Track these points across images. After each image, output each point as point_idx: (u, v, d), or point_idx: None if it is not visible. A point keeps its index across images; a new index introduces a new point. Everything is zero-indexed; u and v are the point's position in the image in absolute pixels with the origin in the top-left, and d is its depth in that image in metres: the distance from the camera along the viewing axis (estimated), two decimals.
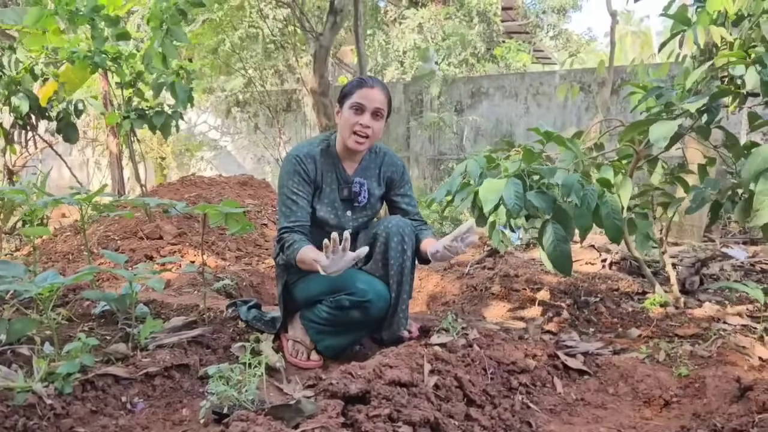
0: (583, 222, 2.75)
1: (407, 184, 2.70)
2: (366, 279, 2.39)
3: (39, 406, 1.76)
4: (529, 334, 2.57)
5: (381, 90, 2.40)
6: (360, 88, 2.38)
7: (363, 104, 2.36)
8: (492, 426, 1.82)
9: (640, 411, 2.06)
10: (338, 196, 2.52)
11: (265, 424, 1.39)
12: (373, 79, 2.46)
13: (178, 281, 3.72)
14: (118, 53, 4.49)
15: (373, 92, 2.37)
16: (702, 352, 2.45)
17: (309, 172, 2.44)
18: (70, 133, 5.25)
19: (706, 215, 3.11)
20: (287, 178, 2.43)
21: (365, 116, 2.37)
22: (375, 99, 2.37)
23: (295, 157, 2.44)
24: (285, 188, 2.43)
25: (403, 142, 9.30)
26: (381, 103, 2.38)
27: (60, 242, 4.79)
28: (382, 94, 2.39)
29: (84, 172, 11.26)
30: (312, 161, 2.45)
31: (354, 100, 2.37)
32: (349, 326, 2.41)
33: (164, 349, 2.25)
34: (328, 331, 2.44)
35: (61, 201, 2.39)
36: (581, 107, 8.13)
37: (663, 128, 2.48)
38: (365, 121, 2.36)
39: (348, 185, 2.52)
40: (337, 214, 2.52)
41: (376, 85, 2.40)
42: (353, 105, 2.37)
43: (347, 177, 2.53)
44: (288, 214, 2.40)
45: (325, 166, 2.49)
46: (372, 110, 2.37)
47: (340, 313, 2.37)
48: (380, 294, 2.36)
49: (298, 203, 2.40)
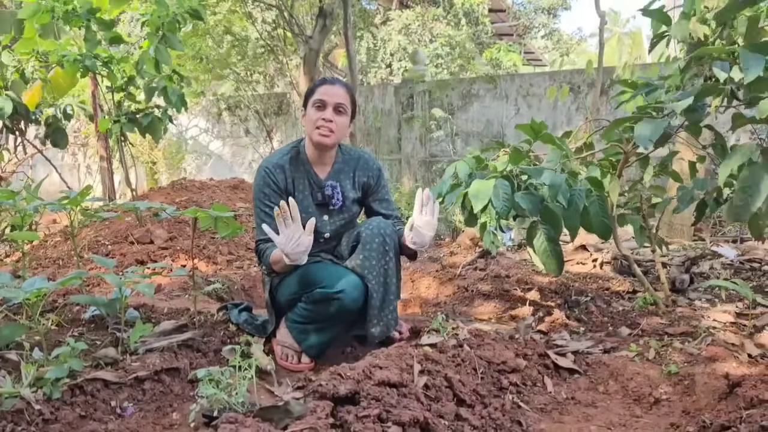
0: (572, 222, 2.77)
1: (384, 188, 2.72)
2: (337, 271, 2.41)
3: (27, 412, 1.75)
4: (520, 334, 2.57)
5: (342, 87, 2.46)
6: (321, 86, 2.44)
7: (324, 100, 2.41)
8: (482, 425, 1.82)
9: (630, 409, 2.07)
10: (312, 201, 2.55)
11: (253, 425, 1.38)
12: (335, 78, 2.52)
13: (169, 286, 3.71)
14: (110, 57, 4.48)
15: (333, 89, 2.42)
16: (691, 350, 2.46)
17: (279, 182, 2.48)
18: (59, 139, 5.24)
19: (693, 215, 3.13)
20: (258, 191, 2.49)
21: (327, 111, 2.41)
22: (336, 94, 2.41)
23: (264, 169, 2.49)
24: (257, 201, 2.50)
25: (395, 145, 9.31)
26: (342, 99, 2.43)
27: (50, 248, 4.76)
28: (343, 90, 2.44)
29: (75, 178, 11.21)
30: (281, 171, 2.49)
31: (316, 97, 2.43)
32: (328, 321, 2.41)
33: (154, 353, 2.24)
34: (309, 329, 2.44)
35: (48, 205, 2.38)
36: (571, 108, 8.16)
37: (649, 128, 2.47)
38: (327, 116, 2.40)
39: (321, 189, 2.55)
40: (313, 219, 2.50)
41: (337, 83, 2.46)
42: (315, 102, 2.42)
43: (319, 181, 2.56)
44: (262, 227, 2.40)
45: (295, 174, 2.53)
46: (333, 105, 2.41)
47: (316, 307, 2.38)
48: (352, 284, 2.36)
49: (270, 215, 2.39)
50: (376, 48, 11.65)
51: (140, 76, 4.44)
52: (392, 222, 2.61)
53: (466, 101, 8.90)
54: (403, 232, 2.52)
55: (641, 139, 2.46)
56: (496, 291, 3.53)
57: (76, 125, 10.25)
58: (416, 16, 11.61)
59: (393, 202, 2.79)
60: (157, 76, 4.53)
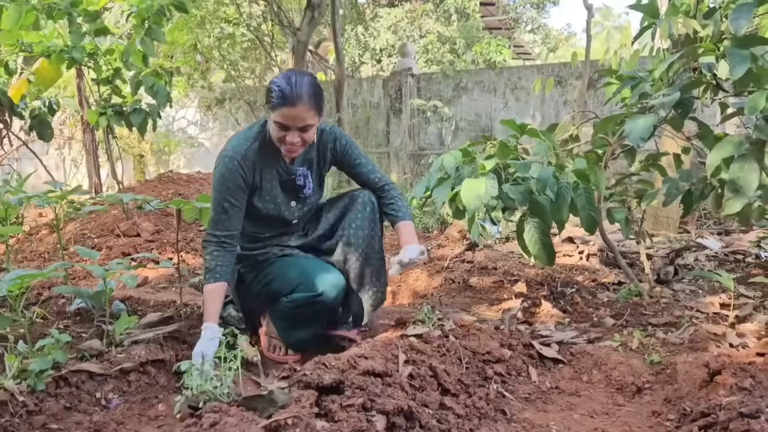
0: (559, 215, 2.78)
1: (354, 151, 2.53)
2: (313, 268, 2.37)
3: (11, 404, 1.74)
4: (505, 325, 2.59)
5: (304, 105, 2.15)
6: (281, 107, 2.15)
7: (286, 124, 2.18)
8: (466, 414, 1.83)
9: (613, 397, 2.09)
10: (280, 190, 2.42)
11: (237, 414, 1.39)
12: (295, 88, 2.13)
13: (155, 278, 3.70)
14: (95, 49, 4.45)
15: (294, 111, 2.14)
16: (674, 340, 2.49)
17: (246, 177, 2.30)
18: (44, 131, 5.20)
19: (680, 207, 3.16)
20: (221, 182, 2.28)
21: (291, 133, 2.20)
22: (298, 118, 2.16)
23: (231, 159, 2.27)
24: (217, 193, 2.29)
25: (383, 138, 9.31)
26: (306, 120, 2.17)
27: (36, 241, 4.73)
28: (305, 109, 2.15)
29: (61, 171, 11.12)
30: (250, 164, 2.30)
31: (277, 119, 2.18)
32: (312, 318, 2.41)
33: (140, 345, 2.24)
34: (294, 326, 2.44)
35: (33, 198, 2.37)
36: (559, 101, 8.19)
37: (639, 125, 2.49)
38: (291, 139, 2.20)
39: (291, 176, 2.41)
40: (280, 208, 2.44)
41: (298, 102, 2.13)
42: (277, 122, 2.19)
43: (289, 169, 2.40)
44: (217, 222, 2.30)
45: (263, 164, 2.35)
46: (297, 128, 2.19)
47: (299, 310, 2.36)
48: (331, 284, 2.33)
49: (228, 212, 2.29)
50: (366, 42, 11.63)
51: (126, 68, 4.41)
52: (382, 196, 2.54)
53: (455, 95, 8.90)
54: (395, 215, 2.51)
55: (632, 137, 2.47)
56: (483, 282, 3.55)
57: (62, 117, 10.16)
58: (405, 13, 11.60)
59: (372, 163, 2.59)
60: (143, 69, 4.50)
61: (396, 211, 2.52)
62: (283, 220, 2.48)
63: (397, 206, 2.53)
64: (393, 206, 2.53)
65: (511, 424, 1.88)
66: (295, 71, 2.23)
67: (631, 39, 3.55)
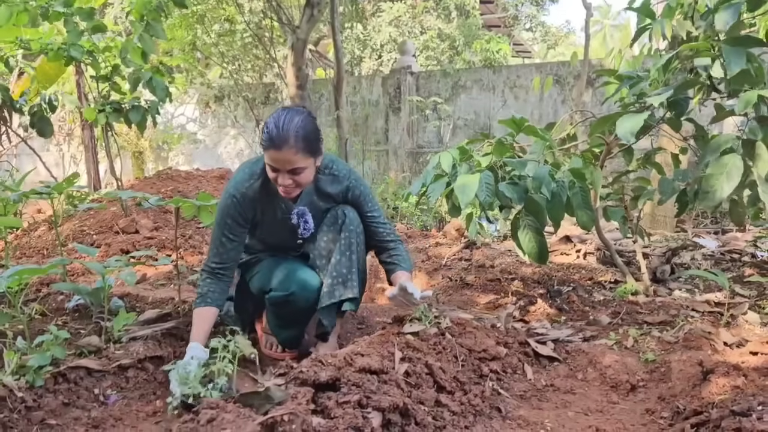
0: (555, 213, 2.80)
1: (368, 204, 2.47)
2: (293, 270, 2.36)
3: (10, 399, 1.76)
4: (501, 323, 2.60)
5: (290, 149, 2.08)
6: (269, 149, 2.11)
7: (276, 167, 2.14)
8: (462, 411, 1.85)
9: (608, 395, 2.11)
10: (282, 227, 2.41)
11: (234, 411, 1.40)
12: (282, 132, 2.08)
13: (154, 276, 3.71)
14: (94, 46, 4.45)
15: (281, 155, 2.09)
16: (669, 338, 2.50)
17: (245, 214, 2.31)
18: (44, 128, 5.20)
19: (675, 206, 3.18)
20: (222, 216, 2.30)
21: (282, 175, 2.16)
22: (286, 161, 2.11)
23: (232, 196, 2.29)
24: (218, 226, 2.31)
25: (382, 135, 9.32)
26: (294, 163, 2.11)
27: (34, 238, 4.74)
28: (291, 152, 2.09)
29: (60, 168, 11.12)
30: (249, 202, 2.30)
31: (267, 161, 2.16)
32: (292, 317, 2.42)
33: (138, 342, 2.25)
34: (281, 324, 2.46)
35: (32, 193, 2.38)
36: (558, 100, 8.20)
37: (629, 123, 2.51)
38: (282, 181, 2.16)
39: (287, 216, 2.38)
40: (284, 243, 2.47)
41: (284, 146, 2.07)
42: (268, 163, 2.17)
43: (289, 206, 2.38)
44: (215, 255, 2.31)
45: (264, 201, 2.34)
46: (286, 171, 2.14)
47: (276, 308, 2.40)
48: (303, 284, 2.33)
49: (226, 246, 2.30)
50: (366, 39, 11.63)
51: (125, 65, 4.41)
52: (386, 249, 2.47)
53: (454, 93, 8.91)
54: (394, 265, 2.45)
55: (623, 133, 2.49)
56: (480, 281, 3.56)
57: (61, 114, 10.17)
58: (407, 8, 11.59)
59: (384, 219, 2.53)
60: (143, 66, 4.50)
61: (398, 262, 2.44)
62: (286, 249, 2.50)
63: (400, 258, 2.46)
64: (396, 258, 2.46)
65: (506, 421, 1.90)
66: (288, 110, 2.16)
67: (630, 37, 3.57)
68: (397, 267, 2.44)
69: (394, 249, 2.48)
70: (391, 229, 2.52)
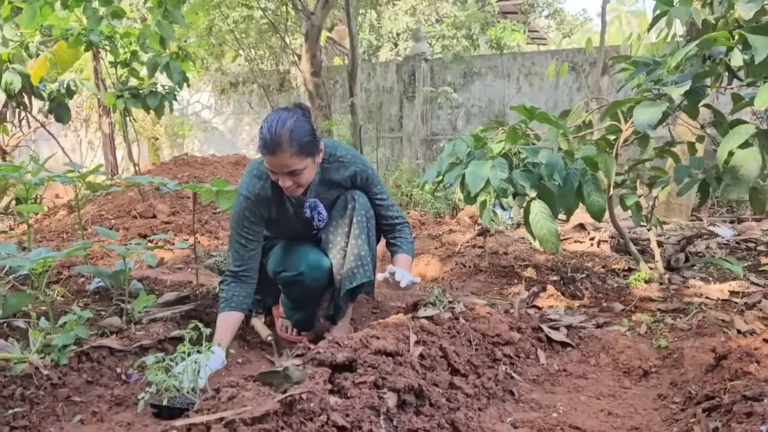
0: (567, 201, 2.81)
1: (376, 187, 2.48)
2: (304, 252, 2.39)
3: (36, 377, 1.81)
4: (515, 309, 2.63)
5: (283, 153, 2.08)
6: (265, 155, 2.12)
7: (273, 170, 2.16)
8: (475, 394, 1.88)
9: (620, 380, 2.13)
10: (297, 219, 2.42)
11: (253, 389, 1.44)
12: (274, 137, 2.08)
13: (171, 259, 3.77)
14: (113, 32, 4.49)
15: (276, 160, 2.10)
16: (682, 326, 2.52)
17: (262, 213, 2.34)
18: (62, 113, 5.26)
19: (694, 194, 3.16)
20: (238, 219, 2.32)
21: (282, 178, 2.16)
22: (281, 165, 2.11)
23: (246, 198, 2.31)
24: (235, 230, 2.34)
25: (396, 122, 9.31)
26: (290, 166, 2.11)
27: (54, 221, 4.82)
28: (285, 157, 2.09)
29: (78, 153, 11.24)
30: (263, 201, 2.32)
31: (266, 163, 2.17)
32: (304, 298, 2.45)
33: (158, 323, 2.31)
34: (293, 306, 2.49)
35: (55, 178, 2.42)
36: (573, 87, 8.15)
37: (648, 112, 2.49)
38: (282, 183, 2.18)
39: (300, 209, 2.39)
40: (300, 233, 2.48)
41: (277, 151, 2.08)
42: (266, 166, 2.18)
43: (300, 200, 2.37)
44: (236, 258, 2.32)
45: (276, 199, 2.35)
46: (283, 174, 2.15)
47: (286, 289, 2.44)
48: (312, 265, 2.36)
49: (247, 247, 2.32)
50: (379, 27, 11.58)
51: (143, 51, 4.45)
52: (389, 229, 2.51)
53: (468, 80, 8.88)
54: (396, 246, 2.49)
55: (641, 123, 2.48)
56: (493, 267, 3.58)
57: (78, 100, 10.26)
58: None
59: (392, 202, 2.54)
60: (161, 52, 4.54)
61: (401, 244, 2.48)
62: (301, 238, 2.52)
63: (404, 240, 2.49)
64: (400, 240, 2.50)
65: (519, 404, 1.93)
66: (281, 112, 2.15)
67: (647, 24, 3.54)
68: (399, 250, 2.48)
69: (400, 231, 2.51)
70: (398, 212, 2.54)
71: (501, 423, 1.79)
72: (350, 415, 1.42)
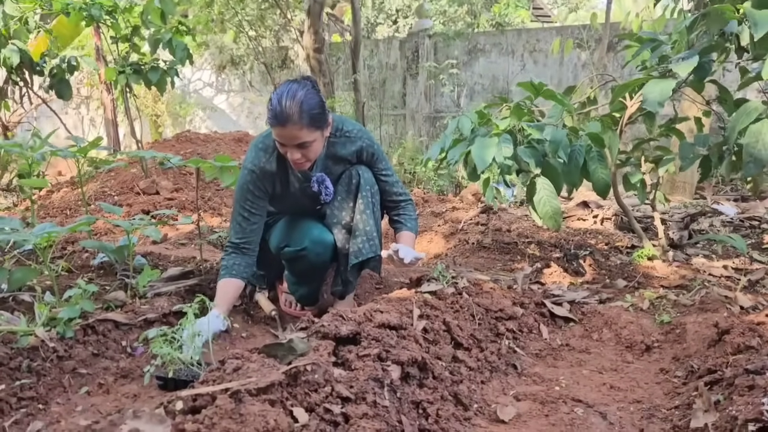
0: (572, 178, 2.80)
1: (381, 163, 2.48)
2: (308, 227, 2.39)
3: (42, 349, 1.82)
4: (518, 284, 2.63)
5: (294, 125, 2.07)
6: (275, 126, 2.11)
7: (283, 142, 2.15)
8: (478, 367, 1.89)
9: (622, 355, 2.14)
10: (303, 194, 2.42)
11: (258, 360, 1.45)
12: (284, 109, 2.07)
13: (175, 236, 3.78)
14: (114, 6, 4.46)
15: (285, 131, 2.09)
16: (685, 302, 2.52)
17: (266, 187, 2.34)
18: (63, 90, 5.23)
19: (698, 172, 3.15)
20: (242, 192, 2.33)
21: (291, 150, 2.16)
22: (291, 137, 2.10)
23: (251, 172, 2.31)
24: (239, 203, 2.34)
25: (399, 100, 9.26)
26: (300, 138, 2.11)
27: (57, 198, 4.82)
28: (296, 129, 2.08)
29: (79, 131, 11.21)
30: (268, 176, 2.32)
31: (275, 137, 2.16)
32: (307, 274, 2.44)
33: (162, 297, 2.32)
34: (297, 281, 2.48)
35: (57, 152, 2.42)
36: (578, 64, 8.08)
37: (658, 89, 2.47)
38: (291, 156, 2.17)
39: (307, 184, 2.39)
40: (304, 208, 2.47)
41: (287, 122, 2.07)
42: (275, 139, 2.17)
43: (306, 175, 2.38)
44: (238, 231, 2.34)
45: (281, 174, 2.35)
46: (293, 146, 2.14)
47: (290, 264, 2.43)
48: (315, 240, 2.35)
49: (250, 221, 2.34)
50: (382, 3, 11.45)
51: (145, 27, 4.42)
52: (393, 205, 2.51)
53: (472, 57, 8.81)
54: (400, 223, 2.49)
55: (650, 102, 2.45)
56: (496, 244, 3.58)
57: (80, 77, 10.21)
58: None
59: (396, 179, 2.54)
60: (162, 27, 4.51)
61: (404, 221, 2.49)
62: (305, 214, 2.51)
63: (407, 218, 2.50)
64: (403, 217, 2.51)
65: (522, 377, 1.94)
66: (291, 84, 2.14)
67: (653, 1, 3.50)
68: (403, 227, 2.48)
69: (404, 208, 2.52)
70: (402, 189, 2.54)
71: (504, 396, 1.80)
72: (354, 386, 1.43)
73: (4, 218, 2.28)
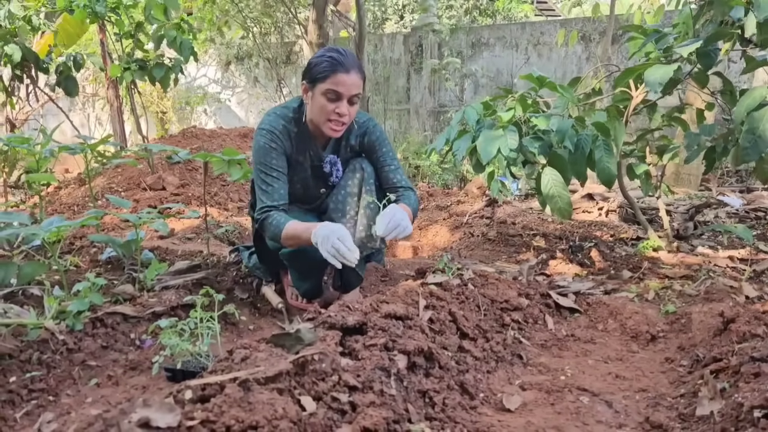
0: (579, 168, 2.80)
1: (383, 149, 2.47)
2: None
3: (52, 342, 1.85)
4: (523, 275, 2.64)
5: (357, 72, 2.16)
6: (335, 74, 2.12)
7: (339, 92, 2.15)
8: (484, 357, 1.90)
9: (628, 345, 2.15)
10: (310, 174, 2.44)
11: (266, 350, 1.46)
12: (347, 57, 2.15)
13: (182, 230, 3.80)
14: (118, 3, 4.47)
15: (349, 78, 2.13)
16: (690, 292, 2.52)
17: (286, 148, 2.32)
18: (70, 87, 5.26)
19: (702, 164, 3.15)
20: (264, 153, 2.28)
21: (342, 104, 2.16)
22: (352, 85, 2.14)
23: (270, 132, 2.29)
24: (262, 164, 2.28)
25: (404, 94, 9.26)
26: (358, 88, 2.17)
27: (65, 194, 4.85)
28: (358, 77, 2.16)
29: (86, 129, 11.25)
30: (288, 138, 2.32)
31: (328, 87, 2.15)
32: (308, 270, 2.41)
33: (170, 291, 2.34)
34: (299, 277, 2.47)
35: (66, 148, 2.44)
36: (582, 57, 8.06)
37: (658, 73, 2.49)
38: (342, 110, 2.17)
39: (320, 163, 2.41)
40: (309, 192, 2.47)
41: (352, 69, 2.14)
42: (328, 92, 2.16)
43: (320, 155, 2.41)
44: (269, 192, 2.28)
45: (299, 143, 2.36)
46: (348, 97, 2.16)
47: (290, 262, 2.41)
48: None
49: (278, 179, 2.29)
50: None
51: (149, 23, 4.43)
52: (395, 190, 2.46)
53: (476, 50, 8.80)
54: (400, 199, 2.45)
55: (651, 83, 2.47)
56: (501, 237, 3.59)
57: (85, 75, 10.24)
58: None
59: (398, 167, 2.51)
60: (165, 23, 4.52)
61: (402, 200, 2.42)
62: (306, 200, 2.51)
63: (407, 203, 2.41)
64: (403, 201, 2.42)
65: (527, 367, 1.95)
66: (330, 46, 2.24)
67: None
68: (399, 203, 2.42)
69: (404, 195, 2.46)
70: (403, 177, 2.51)
71: (509, 385, 1.81)
72: (361, 375, 1.44)
73: (13, 213, 2.31)
